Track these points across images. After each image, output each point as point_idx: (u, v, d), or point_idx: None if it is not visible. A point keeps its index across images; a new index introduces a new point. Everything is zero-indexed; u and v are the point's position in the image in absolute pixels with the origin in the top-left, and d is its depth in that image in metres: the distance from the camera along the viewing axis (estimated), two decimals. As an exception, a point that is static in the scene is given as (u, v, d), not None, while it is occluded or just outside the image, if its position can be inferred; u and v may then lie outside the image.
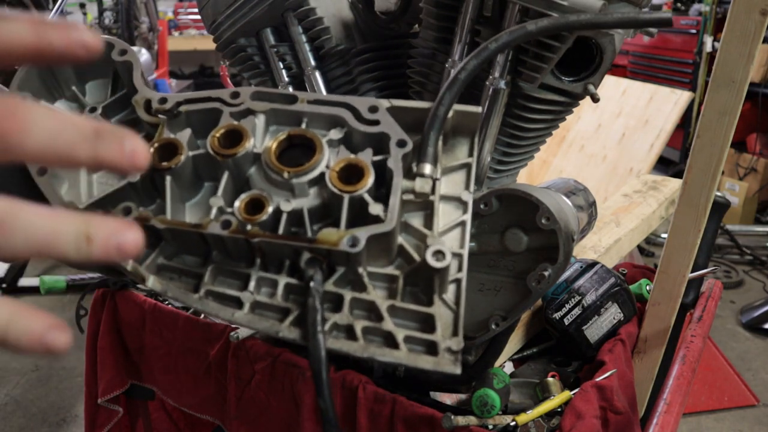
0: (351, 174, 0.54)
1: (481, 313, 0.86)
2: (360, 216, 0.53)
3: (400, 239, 0.55)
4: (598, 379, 0.92)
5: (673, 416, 0.91)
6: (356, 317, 0.52)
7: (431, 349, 0.51)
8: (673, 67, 4.80)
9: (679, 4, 5.13)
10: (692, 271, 1.01)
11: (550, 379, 0.96)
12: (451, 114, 0.58)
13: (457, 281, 0.54)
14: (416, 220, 0.56)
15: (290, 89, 1.09)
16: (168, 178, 0.55)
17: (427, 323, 0.52)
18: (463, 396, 0.93)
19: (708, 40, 4.41)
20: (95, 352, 1.28)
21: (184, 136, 0.57)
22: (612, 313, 1.04)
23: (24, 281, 3.29)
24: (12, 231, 0.28)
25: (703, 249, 1.03)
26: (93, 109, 0.63)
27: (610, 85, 2.80)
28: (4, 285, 3.20)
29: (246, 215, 0.52)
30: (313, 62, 1.05)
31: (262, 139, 0.57)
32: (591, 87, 0.90)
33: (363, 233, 0.50)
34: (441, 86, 0.94)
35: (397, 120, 0.57)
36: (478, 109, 0.60)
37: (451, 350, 0.50)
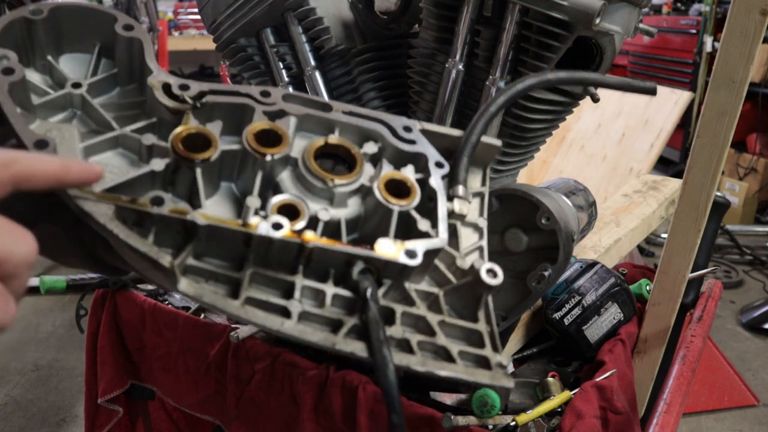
0: (395, 189, 0.52)
1: (481, 313, 0.86)
2: (403, 232, 0.51)
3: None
4: (598, 379, 0.92)
5: (673, 416, 0.90)
6: (407, 332, 0.51)
7: (484, 363, 0.51)
8: (673, 67, 4.80)
9: (679, 4, 5.14)
10: (692, 271, 1.01)
11: (550, 379, 0.96)
12: None
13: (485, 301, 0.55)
14: None
15: (290, 89, 1.09)
16: (199, 171, 0.50)
17: (471, 339, 0.52)
18: (463, 396, 0.93)
19: (708, 40, 4.41)
20: (95, 352, 1.28)
21: (216, 128, 0.52)
22: (612, 313, 1.04)
23: (24, 281, 3.28)
24: None
25: (703, 249, 1.03)
26: (77, 85, 0.54)
27: (610, 85, 2.79)
28: (4, 285, 3.19)
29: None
30: (313, 62, 1.05)
31: (290, 143, 0.55)
32: (591, 87, 0.90)
33: (419, 246, 0.49)
34: (441, 87, 0.94)
35: None
36: (499, 142, 0.61)
37: (501, 365, 0.50)
